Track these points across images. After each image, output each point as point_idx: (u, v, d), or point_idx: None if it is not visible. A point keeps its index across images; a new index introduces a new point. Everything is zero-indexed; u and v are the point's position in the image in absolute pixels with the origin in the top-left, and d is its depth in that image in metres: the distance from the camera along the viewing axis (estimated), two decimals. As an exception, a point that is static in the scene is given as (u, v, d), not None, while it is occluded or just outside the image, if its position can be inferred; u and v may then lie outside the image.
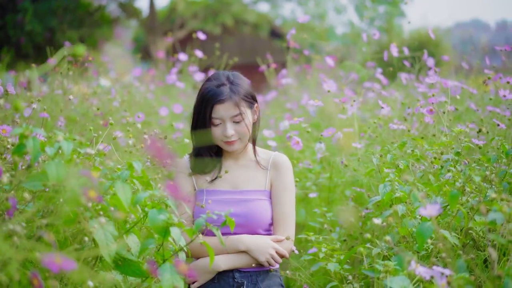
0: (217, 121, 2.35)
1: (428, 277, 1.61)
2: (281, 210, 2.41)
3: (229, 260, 2.33)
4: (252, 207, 2.39)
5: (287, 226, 2.40)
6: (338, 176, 3.28)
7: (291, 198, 2.45)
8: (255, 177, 2.46)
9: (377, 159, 2.29)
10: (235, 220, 2.25)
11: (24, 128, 1.66)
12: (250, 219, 2.37)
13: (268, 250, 2.32)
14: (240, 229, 2.35)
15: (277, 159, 2.49)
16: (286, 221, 2.40)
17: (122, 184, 1.76)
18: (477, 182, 1.94)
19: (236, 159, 2.49)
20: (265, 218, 2.40)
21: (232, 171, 2.46)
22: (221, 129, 2.35)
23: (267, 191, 2.45)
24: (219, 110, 2.33)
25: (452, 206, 1.88)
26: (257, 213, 2.38)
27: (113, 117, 3.78)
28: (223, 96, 2.33)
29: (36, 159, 1.66)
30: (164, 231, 1.73)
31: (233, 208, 2.31)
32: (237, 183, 2.45)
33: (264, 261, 2.31)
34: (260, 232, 2.39)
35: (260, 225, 2.39)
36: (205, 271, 2.33)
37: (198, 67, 5.83)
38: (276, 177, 2.45)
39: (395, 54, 3.92)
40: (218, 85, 2.36)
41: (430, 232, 1.79)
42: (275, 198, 2.43)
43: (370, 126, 3.33)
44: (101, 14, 12.65)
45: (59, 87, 3.87)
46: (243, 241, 2.33)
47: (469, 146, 2.37)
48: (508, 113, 3.20)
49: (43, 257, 1.09)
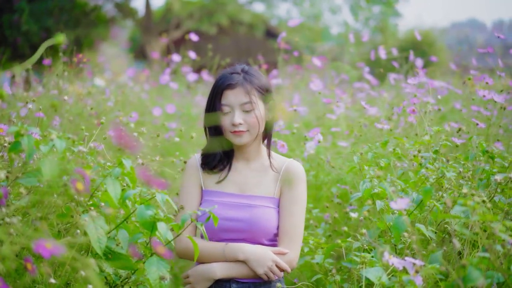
0: (227, 109, 2.26)
1: (401, 267, 1.72)
2: (288, 221, 2.27)
3: (225, 268, 2.23)
4: (257, 213, 2.27)
5: (293, 239, 2.27)
6: (325, 174, 3.38)
7: (300, 210, 2.30)
8: (265, 183, 2.33)
9: (358, 157, 2.39)
10: (237, 226, 2.26)
11: (19, 126, 1.75)
12: (253, 226, 2.26)
13: (267, 262, 2.20)
14: (242, 235, 2.27)
15: (291, 167, 2.35)
16: (293, 234, 2.27)
17: (112, 181, 1.86)
18: (450, 178, 2.03)
19: (248, 160, 2.38)
20: (269, 227, 2.27)
21: (242, 174, 2.35)
22: (230, 118, 2.26)
23: (276, 199, 2.32)
24: (228, 95, 2.25)
25: (425, 200, 1.99)
26: (262, 221, 2.26)
27: (107, 117, 3.87)
28: (233, 81, 2.25)
29: (31, 156, 1.76)
30: (151, 226, 1.83)
31: (237, 213, 2.26)
32: (245, 187, 2.33)
33: (262, 273, 2.20)
34: (263, 241, 2.28)
35: (264, 234, 2.27)
36: (203, 278, 2.24)
37: (191, 67, 5.92)
38: (287, 186, 2.31)
39: (383, 56, 4.02)
40: (231, 72, 2.30)
41: (405, 226, 1.89)
42: (284, 209, 2.29)
43: (356, 126, 3.43)
44: (97, 14, 12.71)
45: (55, 87, 3.96)
46: (243, 250, 2.22)
47: (447, 144, 2.47)
48: (489, 113, 3.31)
49: (35, 243, 1.18)
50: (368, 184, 2.17)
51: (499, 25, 51.98)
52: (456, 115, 3.86)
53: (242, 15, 16.84)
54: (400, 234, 1.94)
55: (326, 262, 2.55)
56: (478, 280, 1.50)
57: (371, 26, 17.28)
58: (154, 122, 4.86)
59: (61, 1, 11.39)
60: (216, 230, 2.25)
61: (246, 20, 16.97)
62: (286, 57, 5.40)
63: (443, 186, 2.15)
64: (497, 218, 1.55)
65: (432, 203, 2.02)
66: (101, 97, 4.38)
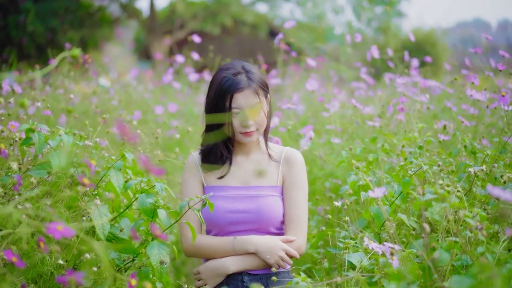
0: (236, 111, 2.24)
1: (380, 252, 1.87)
2: (293, 208, 2.29)
3: (238, 261, 2.24)
4: (263, 203, 2.28)
5: (299, 226, 2.28)
6: (318, 169, 3.54)
7: (303, 196, 2.33)
8: (267, 172, 2.35)
9: (346, 152, 2.54)
10: (245, 217, 2.27)
11: (30, 123, 1.92)
12: (261, 216, 2.27)
13: (278, 252, 2.21)
14: (250, 226, 2.28)
15: (290, 154, 2.38)
16: (298, 221, 2.29)
17: (115, 172, 2.02)
18: (427, 170, 2.18)
19: (247, 153, 2.39)
20: (276, 215, 2.29)
21: (243, 166, 2.36)
22: (240, 119, 2.25)
23: (279, 187, 2.34)
24: (238, 98, 2.23)
25: (404, 191, 2.14)
26: (268, 210, 2.27)
27: (111, 115, 4.03)
28: (242, 84, 2.23)
29: (41, 150, 1.92)
30: (151, 213, 1.99)
31: (244, 204, 2.27)
32: (248, 179, 2.34)
33: (273, 263, 2.21)
34: (271, 230, 2.30)
35: (272, 223, 2.29)
36: (215, 274, 2.25)
37: (194, 67, 6.08)
38: (288, 173, 2.34)
39: (376, 56, 4.17)
40: (234, 73, 2.27)
41: (385, 215, 2.03)
42: (287, 196, 2.31)
43: (350, 123, 3.58)
44: (102, 15, 12.87)
45: (61, 87, 4.12)
46: (252, 242, 2.23)
47: (431, 140, 2.62)
48: (477, 111, 3.45)
49: (47, 226, 1.34)
50: (354, 177, 2.31)
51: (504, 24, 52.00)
52: (447, 113, 4.00)
53: (245, 15, 16.99)
54: (381, 223, 2.10)
55: (315, 252, 2.70)
56: (446, 261, 1.65)
57: (374, 27, 17.40)
58: (157, 120, 5.02)
59: (66, 1, 11.54)
60: (224, 224, 2.27)
61: (250, 21, 17.12)
62: (285, 58, 5.54)
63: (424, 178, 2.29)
64: (464, 205, 1.70)
65: (412, 194, 2.17)
66: (106, 96, 4.55)
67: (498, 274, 1.23)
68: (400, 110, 3.13)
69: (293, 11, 20.34)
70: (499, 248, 1.71)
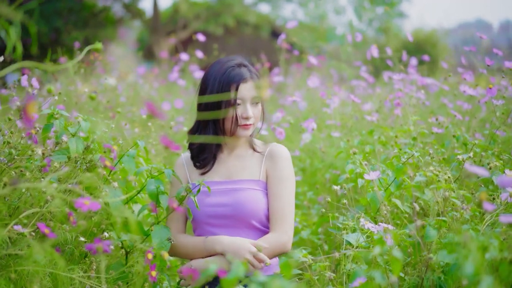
0: (239, 102, 2.25)
1: (376, 231, 2.03)
2: (277, 203, 2.25)
3: (220, 262, 2.18)
4: (241, 196, 2.25)
5: (283, 221, 2.23)
6: (319, 161, 3.70)
7: (288, 189, 2.28)
8: (249, 167, 2.32)
9: (344, 143, 2.70)
10: (222, 211, 2.24)
11: (52, 109, 2.09)
12: (238, 210, 2.23)
13: (245, 254, 2.14)
14: (230, 221, 2.25)
15: (274, 149, 2.34)
16: (282, 215, 2.23)
17: (128, 159, 2.20)
18: (418, 157, 2.34)
19: (231, 149, 2.37)
20: (256, 209, 2.24)
21: (226, 162, 2.35)
22: (241, 111, 2.26)
23: (262, 181, 2.29)
24: (242, 89, 2.24)
25: (397, 177, 2.30)
26: (246, 203, 2.23)
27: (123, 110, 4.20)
28: (246, 75, 2.25)
29: (61, 135, 2.09)
30: (156, 197, 2.15)
31: (221, 198, 2.25)
32: (231, 173, 2.32)
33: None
34: (255, 225, 2.25)
35: (252, 217, 2.24)
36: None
37: (198, 66, 6.25)
38: (272, 167, 2.30)
39: (375, 55, 4.33)
40: (238, 64, 2.27)
41: (380, 199, 2.20)
42: (271, 190, 2.27)
43: (349, 118, 3.75)
44: (106, 15, 13.00)
45: (71, 84, 4.30)
46: (221, 242, 2.19)
47: (424, 132, 2.78)
48: (471, 106, 3.62)
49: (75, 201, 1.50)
50: (352, 165, 2.47)
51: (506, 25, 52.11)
52: (443, 110, 4.16)
53: (248, 16, 17.13)
54: (377, 207, 2.26)
55: (316, 237, 2.86)
56: (434, 237, 1.81)
57: (375, 27, 17.57)
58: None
59: (70, 2, 11.66)
60: (204, 217, 2.26)
61: (252, 21, 17.25)
62: (287, 57, 5.71)
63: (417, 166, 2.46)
64: (451, 186, 1.86)
65: (405, 180, 2.33)
66: (114, 93, 4.72)
67: (471, 238, 1.39)
68: (397, 104, 3.29)
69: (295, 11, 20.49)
70: (482, 226, 1.87)
